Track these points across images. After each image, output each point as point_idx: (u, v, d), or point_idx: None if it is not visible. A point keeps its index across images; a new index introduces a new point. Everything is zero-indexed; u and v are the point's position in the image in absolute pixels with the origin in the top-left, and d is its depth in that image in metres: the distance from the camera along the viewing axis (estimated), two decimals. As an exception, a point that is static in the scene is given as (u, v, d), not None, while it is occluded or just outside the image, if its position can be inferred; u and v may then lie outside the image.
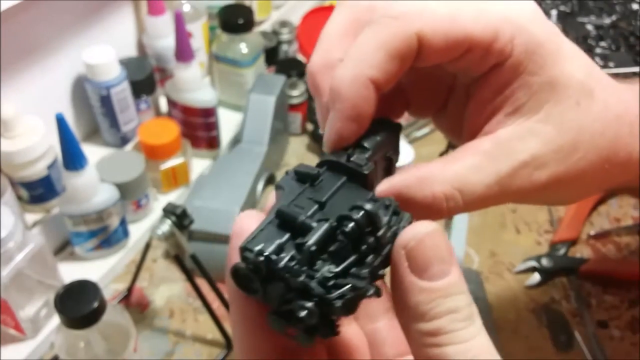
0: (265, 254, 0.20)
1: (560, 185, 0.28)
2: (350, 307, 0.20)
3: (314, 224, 0.21)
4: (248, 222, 0.23)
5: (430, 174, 0.26)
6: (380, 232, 0.22)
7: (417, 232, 0.22)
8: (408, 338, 0.22)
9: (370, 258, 0.21)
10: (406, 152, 0.75)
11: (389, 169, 0.28)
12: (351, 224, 0.21)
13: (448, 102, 0.33)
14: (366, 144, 0.26)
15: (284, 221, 0.22)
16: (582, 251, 0.71)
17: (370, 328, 0.29)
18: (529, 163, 0.27)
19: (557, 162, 0.27)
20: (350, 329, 0.28)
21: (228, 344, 0.61)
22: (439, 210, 0.26)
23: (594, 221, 0.74)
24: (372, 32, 0.25)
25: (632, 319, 0.64)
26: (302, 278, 0.20)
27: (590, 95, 0.28)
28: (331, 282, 0.20)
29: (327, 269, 0.20)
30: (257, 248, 0.20)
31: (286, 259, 0.20)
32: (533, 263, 0.68)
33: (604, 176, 0.30)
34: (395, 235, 0.22)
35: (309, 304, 0.20)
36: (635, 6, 1.09)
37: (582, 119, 0.28)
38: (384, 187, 0.26)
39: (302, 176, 0.24)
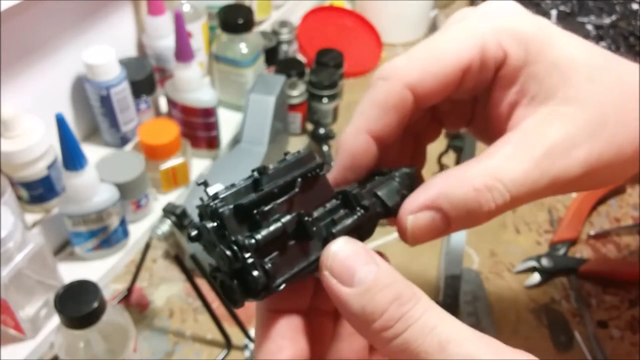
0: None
1: (604, 164, 0.28)
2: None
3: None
4: None
5: (467, 170, 0.26)
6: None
7: (328, 252, 0.24)
8: (376, 347, 0.24)
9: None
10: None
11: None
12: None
13: (474, 113, 0.34)
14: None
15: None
16: (582, 251, 0.71)
17: None
18: (561, 143, 0.27)
19: (591, 139, 0.27)
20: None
21: (228, 344, 0.61)
22: (486, 203, 0.26)
23: (594, 221, 0.74)
24: (367, 94, 0.29)
25: (632, 319, 0.64)
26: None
27: (601, 69, 0.29)
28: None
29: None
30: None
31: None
32: (533, 263, 0.68)
33: None
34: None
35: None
36: (635, 6, 1.09)
37: (599, 93, 0.28)
38: (424, 195, 0.26)
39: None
